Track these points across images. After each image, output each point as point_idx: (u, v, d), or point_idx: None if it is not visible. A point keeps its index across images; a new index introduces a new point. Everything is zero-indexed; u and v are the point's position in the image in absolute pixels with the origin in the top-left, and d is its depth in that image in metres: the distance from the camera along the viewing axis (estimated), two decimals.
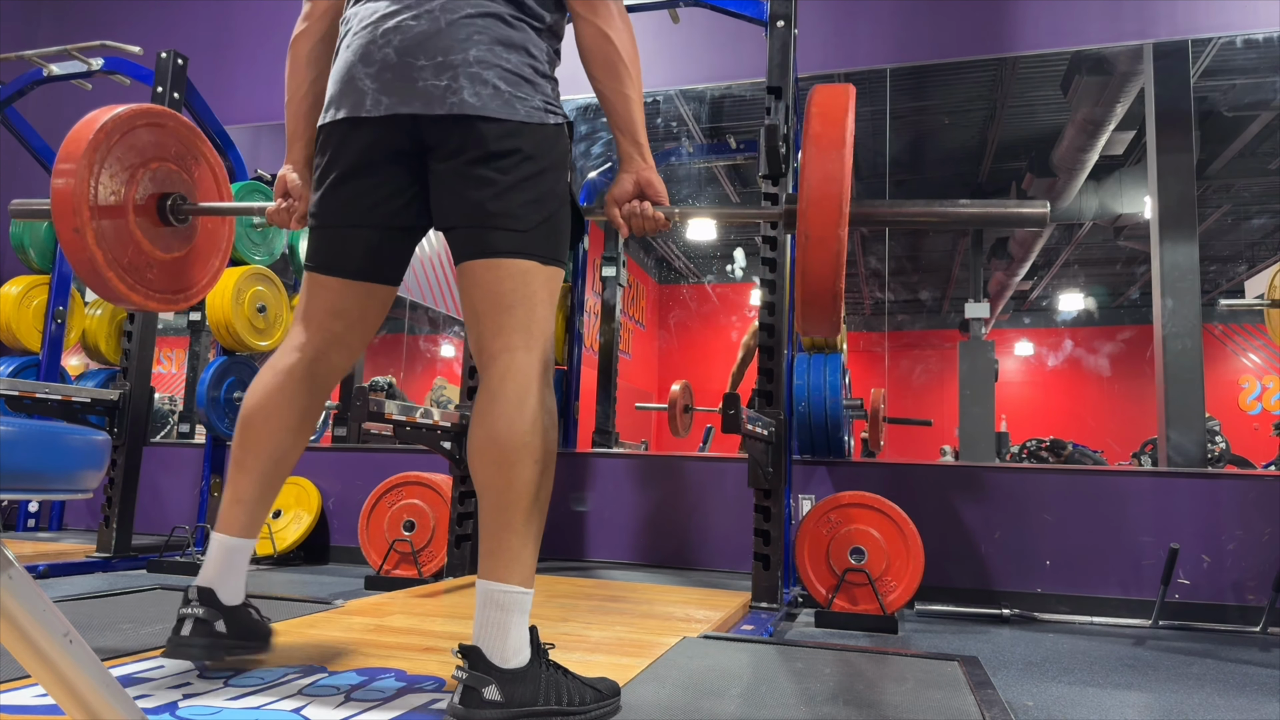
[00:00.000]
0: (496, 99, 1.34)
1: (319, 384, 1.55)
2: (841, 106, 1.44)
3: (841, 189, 1.38)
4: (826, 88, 1.50)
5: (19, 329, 4.35)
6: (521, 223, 1.36)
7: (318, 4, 1.56)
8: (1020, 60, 3.93)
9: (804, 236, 1.38)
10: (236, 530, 1.50)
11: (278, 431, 1.52)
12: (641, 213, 1.51)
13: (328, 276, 1.51)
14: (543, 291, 1.38)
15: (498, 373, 1.34)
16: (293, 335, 1.55)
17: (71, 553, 3.35)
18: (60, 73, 4.02)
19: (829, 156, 1.38)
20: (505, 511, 1.30)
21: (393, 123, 1.38)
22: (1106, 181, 6.13)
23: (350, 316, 1.53)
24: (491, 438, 1.31)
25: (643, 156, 1.48)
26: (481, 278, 1.37)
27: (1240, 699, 1.91)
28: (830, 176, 1.37)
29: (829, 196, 1.37)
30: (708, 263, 8.90)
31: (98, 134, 1.81)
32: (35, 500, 4.21)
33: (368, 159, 1.42)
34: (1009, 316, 9.31)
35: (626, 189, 1.50)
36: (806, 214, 1.38)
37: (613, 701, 1.37)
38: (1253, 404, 8.46)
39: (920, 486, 3.27)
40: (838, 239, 1.37)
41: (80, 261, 1.81)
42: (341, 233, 1.49)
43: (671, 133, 5.24)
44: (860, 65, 4.01)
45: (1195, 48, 3.55)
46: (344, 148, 1.44)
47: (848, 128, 1.41)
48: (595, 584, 2.89)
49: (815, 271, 1.40)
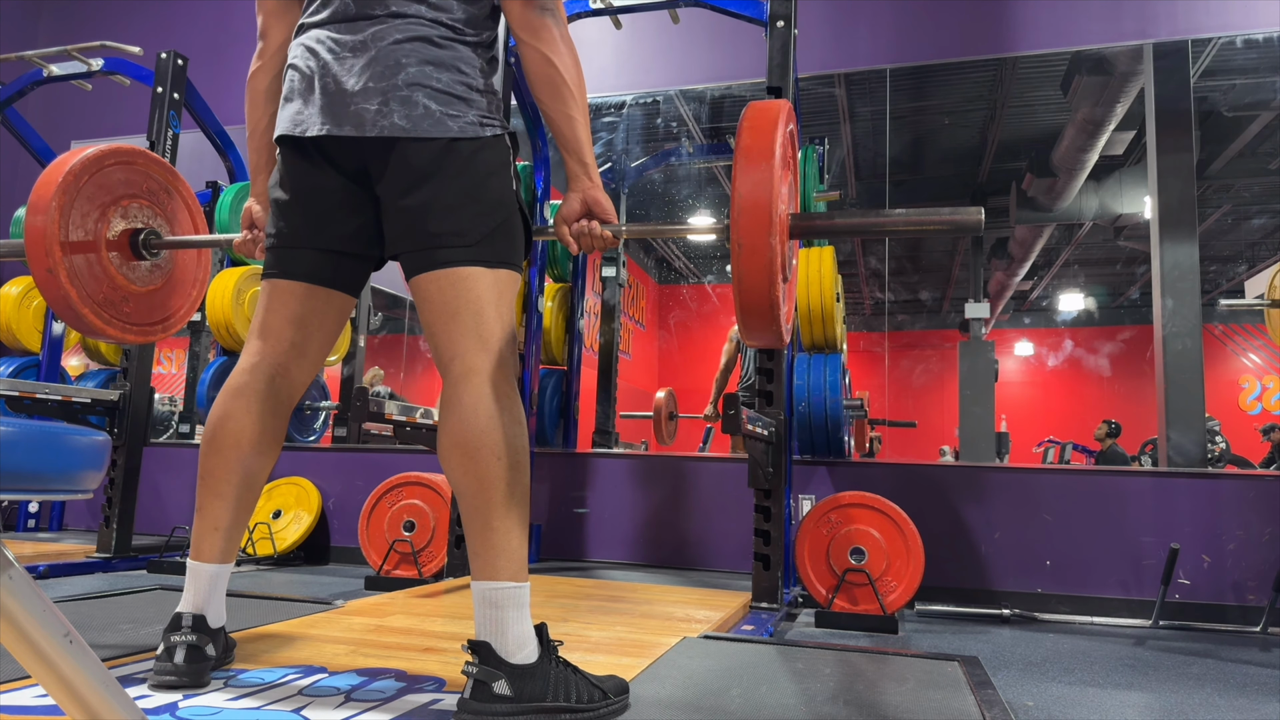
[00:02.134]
0: (427, 119, 1.37)
1: (281, 401, 1.53)
2: (771, 120, 1.47)
3: (770, 197, 1.40)
4: (759, 103, 1.54)
5: (19, 329, 4.35)
6: (467, 237, 1.38)
7: (272, 40, 1.59)
8: (1020, 60, 3.93)
9: (737, 245, 1.41)
10: (215, 557, 1.48)
11: (247, 455, 1.49)
12: (589, 231, 1.52)
13: (289, 281, 1.51)
14: (490, 294, 1.39)
15: (452, 380, 1.37)
16: (249, 352, 1.52)
17: (71, 553, 3.35)
18: (60, 73, 4.02)
19: (758, 167, 1.41)
20: (481, 512, 1.32)
21: (334, 145, 1.41)
22: (1106, 181, 6.13)
23: (309, 325, 1.52)
24: (454, 443, 1.34)
25: (589, 176, 1.50)
26: (427, 290, 1.39)
27: (1240, 699, 1.91)
28: (759, 183, 1.40)
29: (759, 205, 1.40)
30: (708, 263, 8.90)
31: (66, 176, 1.86)
32: (35, 500, 4.21)
33: (314, 183, 1.46)
34: (1009, 316, 9.31)
35: (574, 208, 1.52)
36: (738, 222, 1.41)
37: (621, 699, 1.38)
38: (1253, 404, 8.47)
39: (920, 486, 3.27)
40: (769, 247, 1.40)
41: (56, 300, 1.86)
42: (298, 251, 1.51)
43: (671, 133, 5.24)
44: (860, 65, 4.01)
45: (1195, 48, 3.55)
46: (293, 172, 1.48)
47: (776, 139, 1.43)
48: (595, 584, 2.89)
49: (750, 279, 1.43)
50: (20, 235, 4.29)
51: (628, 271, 5.01)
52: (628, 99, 4.46)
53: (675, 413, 5.34)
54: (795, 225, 1.55)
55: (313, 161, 1.45)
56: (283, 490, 3.86)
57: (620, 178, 4.89)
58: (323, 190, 1.46)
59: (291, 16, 1.55)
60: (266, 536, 3.59)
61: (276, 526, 3.68)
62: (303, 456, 4.04)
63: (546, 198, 3.68)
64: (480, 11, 1.47)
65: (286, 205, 1.50)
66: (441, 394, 1.39)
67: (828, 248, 3.42)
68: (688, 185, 6.94)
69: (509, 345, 1.42)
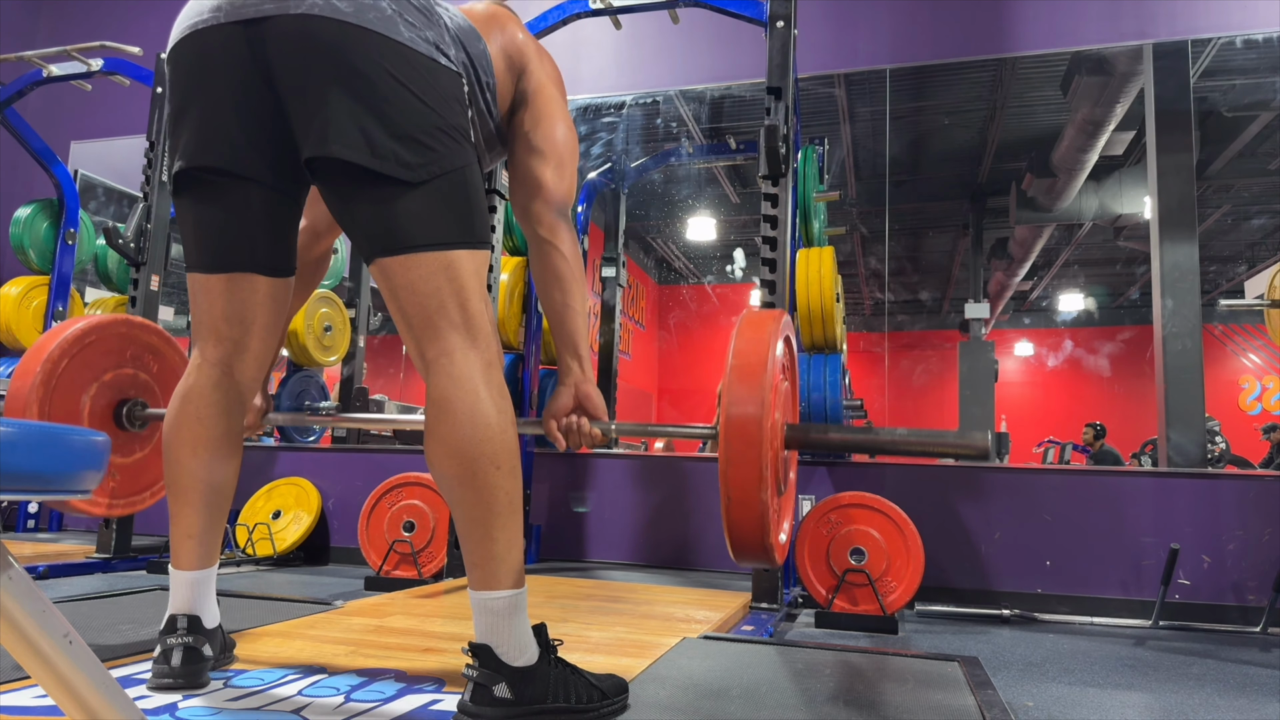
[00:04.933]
0: (373, 10, 1.19)
1: (231, 400, 1.45)
2: (763, 340, 1.47)
3: (759, 479, 1.39)
4: (753, 316, 1.54)
5: (19, 329, 4.35)
6: (413, 172, 1.20)
7: None
8: (1020, 60, 3.93)
9: (726, 499, 1.41)
10: (195, 564, 1.46)
11: (206, 460, 1.43)
12: (578, 429, 1.52)
13: (206, 275, 1.39)
14: (473, 280, 1.28)
15: (440, 381, 1.25)
16: (194, 354, 1.44)
17: (71, 553, 3.35)
18: (60, 73, 4.02)
19: (750, 386, 1.41)
20: (481, 523, 1.25)
21: (238, 33, 1.22)
22: (1106, 181, 6.13)
23: (246, 319, 1.41)
24: (449, 453, 1.24)
25: (583, 369, 1.50)
26: (400, 278, 1.25)
27: (1240, 699, 1.91)
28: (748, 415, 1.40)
29: (748, 456, 1.38)
30: (707, 263, 8.91)
31: (45, 364, 1.82)
32: (35, 501, 4.21)
33: (210, 81, 1.27)
34: (1009, 317, 9.32)
35: (565, 403, 1.51)
36: (726, 474, 1.40)
37: (621, 699, 1.38)
38: (1253, 404, 8.47)
39: (920, 486, 3.27)
40: (760, 501, 1.40)
41: None
42: (204, 209, 1.34)
43: (671, 133, 5.25)
44: (860, 65, 4.01)
45: (1195, 48, 3.55)
46: (185, 73, 1.31)
47: (769, 357, 1.44)
48: (595, 584, 2.89)
49: (741, 531, 1.43)
50: (19, 236, 4.31)
51: (627, 272, 5.01)
52: (627, 99, 4.46)
53: None
54: (789, 439, 1.55)
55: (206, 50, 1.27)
56: (282, 490, 3.85)
57: (620, 178, 4.89)
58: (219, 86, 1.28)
59: None
60: (266, 537, 3.59)
61: (276, 527, 3.68)
62: (302, 457, 4.04)
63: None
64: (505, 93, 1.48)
65: (178, 117, 1.34)
66: (427, 394, 1.28)
67: (828, 248, 3.42)
68: (687, 185, 6.95)
69: (493, 334, 1.32)
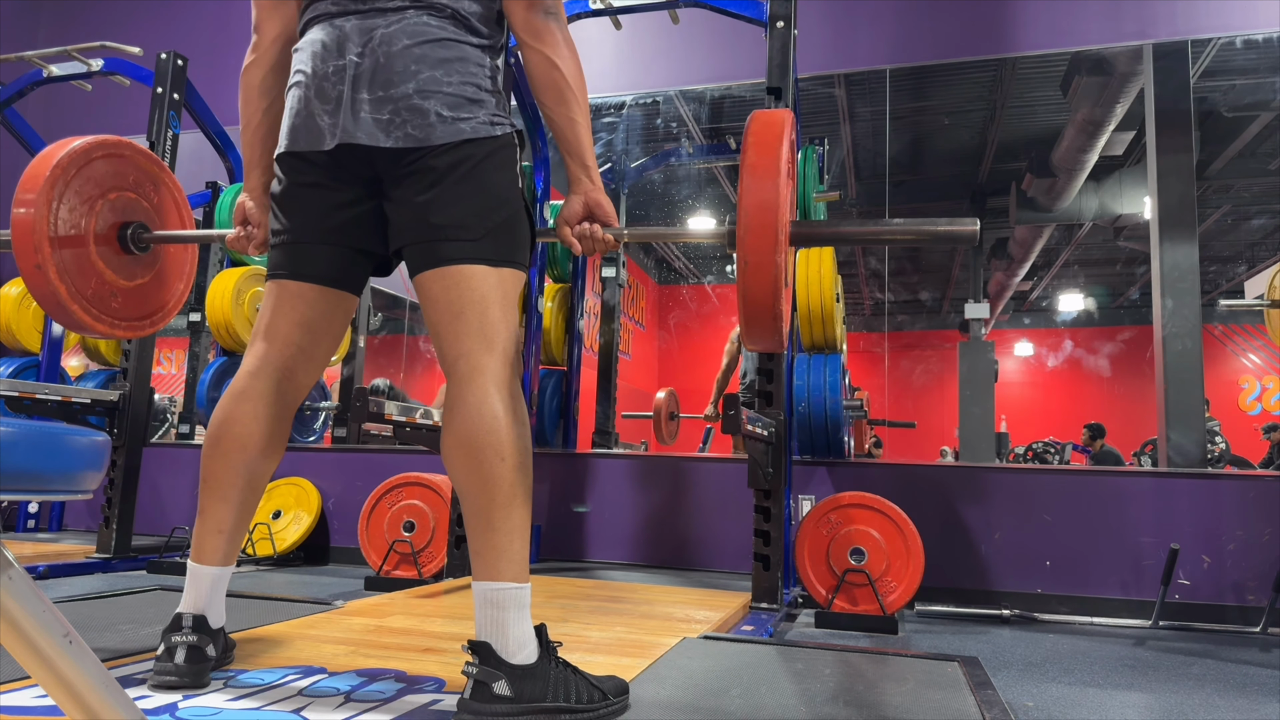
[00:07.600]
0: (441, 124, 1.37)
1: (286, 403, 1.52)
2: (776, 134, 1.48)
3: (777, 215, 1.42)
4: (763, 113, 1.54)
5: (19, 329, 4.35)
6: (469, 231, 1.38)
7: (266, 33, 1.57)
8: (1020, 60, 3.93)
9: (743, 262, 1.43)
10: (217, 560, 1.48)
11: (252, 458, 1.48)
12: (591, 234, 1.53)
13: (298, 283, 1.50)
14: (495, 293, 1.38)
15: (457, 380, 1.36)
16: (254, 354, 1.51)
17: (71, 553, 3.35)
18: (60, 73, 4.02)
19: (764, 184, 1.43)
20: (484, 513, 1.32)
21: (347, 152, 1.40)
22: (1106, 181, 6.13)
23: (318, 328, 1.52)
24: (457, 443, 1.33)
25: (591, 179, 1.51)
26: (432, 289, 1.39)
27: (1240, 699, 1.91)
28: (765, 204, 1.42)
29: (765, 225, 1.42)
30: (708, 263, 8.91)
31: (54, 170, 1.82)
32: (35, 501, 4.21)
33: (324, 181, 1.45)
34: (1009, 317, 9.31)
35: (576, 210, 1.52)
36: (745, 240, 1.42)
37: (621, 700, 1.39)
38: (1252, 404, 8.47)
39: (920, 487, 3.27)
40: (775, 264, 1.42)
41: (44, 296, 1.83)
42: (306, 246, 1.49)
43: (671, 133, 5.24)
44: (860, 66, 4.01)
45: (1195, 48, 3.55)
46: (303, 174, 1.46)
47: (783, 154, 1.45)
48: (595, 584, 2.89)
49: (754, 294, 1.46)
50: None
51: (627, 272, 5.01)
52: (628, 99, 4.46)
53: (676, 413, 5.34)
54: (796, 233, 1.58)
55: (321, 168, 1.44)
56: (282, 490, 3.86)
57: (620, 178, 4.90)
58: (330, 193, 1.45)
59: (287, 9, 1.54)
60: (266, 537, 3.59)
61: (276, 527, 3.68)
62: (303, 457, 4.04)
63: (547, 198, 3.68)
64: (490, 12, 1.47)
65: (293, 205, 1.48)
66: (446, 393, 1.39)
67: (828, 248, 3.42)
68: (688, 185, 6.94)
69: (514, 344, 1.41)
